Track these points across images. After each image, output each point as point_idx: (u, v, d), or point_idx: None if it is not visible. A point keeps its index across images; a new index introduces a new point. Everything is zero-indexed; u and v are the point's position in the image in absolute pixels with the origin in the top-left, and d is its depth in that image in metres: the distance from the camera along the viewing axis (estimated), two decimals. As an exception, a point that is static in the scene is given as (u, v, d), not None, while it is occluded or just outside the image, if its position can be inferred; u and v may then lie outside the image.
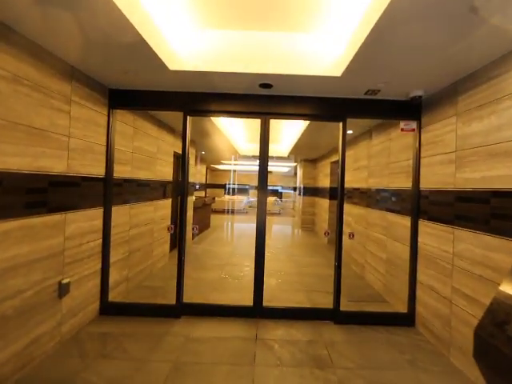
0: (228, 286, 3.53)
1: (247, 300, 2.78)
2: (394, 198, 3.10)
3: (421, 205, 2.59)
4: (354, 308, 2.81)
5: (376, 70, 2.06)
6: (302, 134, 4.49)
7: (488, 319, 1.51)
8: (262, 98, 2.67)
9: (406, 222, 2.77)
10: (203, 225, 6.91)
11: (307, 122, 3.84)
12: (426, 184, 2.53)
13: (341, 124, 2.71)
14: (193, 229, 4.76)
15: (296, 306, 2.84)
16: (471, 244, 1.97)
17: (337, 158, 2.80)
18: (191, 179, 5.74)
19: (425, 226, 2.52)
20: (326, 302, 2.82)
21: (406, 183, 2.79)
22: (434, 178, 2.39)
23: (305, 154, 7.48)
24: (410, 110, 2.64)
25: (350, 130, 4.15)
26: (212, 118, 4.04)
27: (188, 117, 2.72)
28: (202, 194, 8.95)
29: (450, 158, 2.21)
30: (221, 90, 2.60)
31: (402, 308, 2.75)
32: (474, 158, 1.96)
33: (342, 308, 2.69)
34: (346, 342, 2.37)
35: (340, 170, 2.72)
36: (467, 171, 2.02)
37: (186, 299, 2.74)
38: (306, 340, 2.38)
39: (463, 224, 2.05)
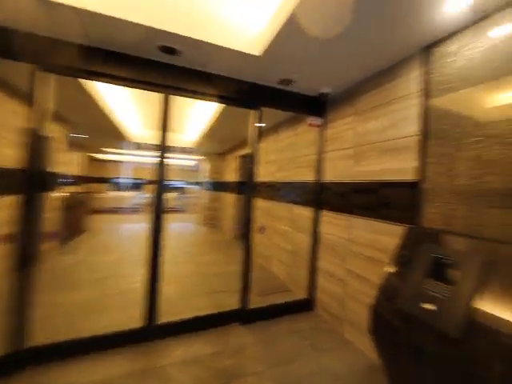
0: (111, 306, 2.70)
1: (136, 320, 2.20)
2: (299, 191, 3.25)
3: (323, 196, 2.78)
4: (261, 303, 2.71)
5: (293, 57, 2.00)
6: (212, 124, 4.17)
7: (381, 296, 1.65)
8: (165, 68, 2.16)
9: (309, 213, 2.94)
10: (75, 228, 5.41)
11: (217, 110, 3.56)
12: (328, 177, 2.73)
13: (255, 112, 2.56)
14: (50, 235, 3.55)
15: (198, 315, 2.40)
16: (364, 230, 2.21)
17: (246, 151, 2.63)
18: (58, 169, 4.36)
19: (326, 216, 2.71)
20: (232, 302, 2.62)
21: (311, 176, 2.96)
22: (336, 171, 2.60)
23: (212, 146, 7.20)
24: (317, 106, 2.79)
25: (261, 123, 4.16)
26: (96, 91, 3.14)
27: (46, 74, 1.87)
28: (80, 189, 7.16)
29: (349, 153, 2.43)
30: (105, 45, 1.93)
31: (303, 294, 2.89)
32: (368, 153, 2.20)
33: (250, 305, 2.55)
34: (253, 343, 2.22)
35: (252, 162, 2.57)
36: (363, 165, 2.26)
37: (40, 339, 1.90)
38: (210, 353, 2.08)
39: (358, 212, 2.28)
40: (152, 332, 2.19)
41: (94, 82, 2.52)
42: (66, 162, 5.12)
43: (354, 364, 2.01)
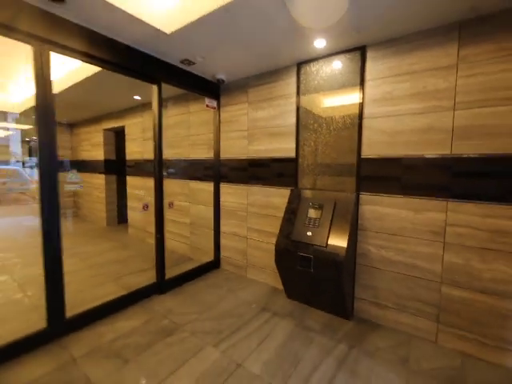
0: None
1: (34, 323, 1.92)
2: (195, 168, 3.51)
3: (221, 171, 3.23)
4: (169, 275, 2.93)
5: (200, 42, 2.17)
6: (67, 87, 3.28)
7: (281, 236, 2.40)
8: (44, 16, 1.72)
9: (209, 187, 3.32)
10: None
11: (78, 72, 2.95)
12: (225, 154, 3.18)
13: (156, 87, 2.52)
14: None
15: (113, 298, 2.34)
16: (260, 195, 2.90)
17: (111, 125, 2.54)
18: None
19: (226, 188, 3.20)
20: (143, 280, 2.71)
21: (208, 154, 3.30)
22: (233, 149, 3.09)
23: (60, 114, 5.64)
24: (213, 90, 3.08)
25: (137, 95, 3.87)
26: None
27: None
28: None
29: (244, 135, 2.97)
30: None
31: (209, 258, 3.36)
32: (260, 136, 2.84)
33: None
34: (178, 304, 2.50)
35: (156, 140, 2.56)
36: (256, 144, 2.88)
37: None
38: (142, 322, 2.20)
39: (254, 182, 2.92)
40: (61, 328, 1.97)
41: None
42: None
43: (260, 291, 2.77)
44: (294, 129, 2.56)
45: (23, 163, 6.69)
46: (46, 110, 1.82)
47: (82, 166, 6.27)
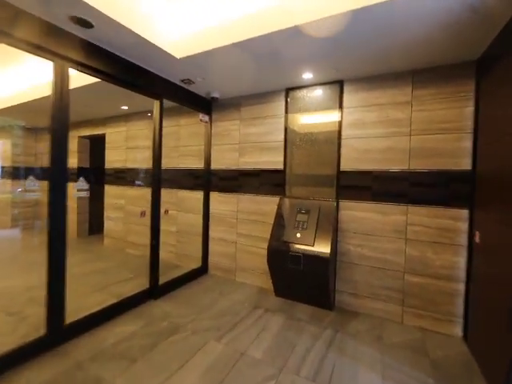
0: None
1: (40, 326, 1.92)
2: (185, 177, 3.67)
3: (212, 181, 3.45)
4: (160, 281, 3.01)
5: (205, 68, 2.47)
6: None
7: (272, 239, 2.69)
8: (71, 38, 1.89)
9: (198, 195, 3.51)
10: None
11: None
12: (216, 165, 3.42)
13: (158, 102, 2.71)
14: None
15: (107, 305, 2.36)
16: (249, 202, 3.18)
17: (89, 132, 2.66)
18: None
19: (216, 196, 3.42)
20: (131, 288, 2.76)
21: (198, 164, 3.51)
22: (223, 160, 3.35)
23: (28, 117, 5.34)
24: (207, 106, 3.35)
25: (125, 105, 3.96)
26: None
27: None
28: None
29: (235, 148, 3.26)
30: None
31: (197, 264, 3.49)
32: (251, 149, 3.16)
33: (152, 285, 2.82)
34: (175, 307, 2.61)
35: (156, 151, 2.73)
36: (246, 157, 3.18)
37: None
38: (141, 326, 2.28)
39: (243, 191, 3.20)
40: (60, 335, 1.98)
41: None
42: None
43: (250, 292, 2.99)
44: (283, 144, 2.94)
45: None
46: (61, 122, 1.92)
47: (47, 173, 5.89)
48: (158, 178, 2.72)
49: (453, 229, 2.18)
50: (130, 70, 2.34)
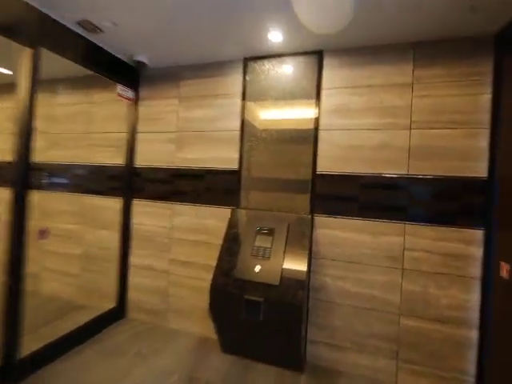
0: None
1: None
2: (97, 176, 2.54)
3: (136, 183, 2.41)
4: (43, 340, 1.83)
5: (113, 2, 1.51)
6: None
7: (219, 272, 1.82)
8: None
9: (116, 203, 2.43)
10: None
11: None
12: (142, 161, 2.40)
13: (30, 52, 1.61)
14: None
15: None
16: (188, 216, 2.24)
17: None
18: None
19: (141, 206, 2.39)
20: None
21: (117, 159, 2.44)
22: (153, 155, 2.36)
23: None
24: (129, 76, 2.32)
25: (4, 68, 2.67)
26: None
27: None
28: None
29: (171, 138, 2.31)
30: None
31: (111, 304, 2.37)
32: (193, 140, 2.24)
33: (24, 352, 1.66)
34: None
35: (23, 132, 1.61)
36: (187, 152, 2.26)
37: None
38: None
39: (181, 199, 2.26)
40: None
41: None
42: None
43: (185, 348, 2.02)
44: (238, 135, 2.11)
45: None
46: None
47: None
48: (24, 176, 1.60)
49: (464, 255, 1.63)
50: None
